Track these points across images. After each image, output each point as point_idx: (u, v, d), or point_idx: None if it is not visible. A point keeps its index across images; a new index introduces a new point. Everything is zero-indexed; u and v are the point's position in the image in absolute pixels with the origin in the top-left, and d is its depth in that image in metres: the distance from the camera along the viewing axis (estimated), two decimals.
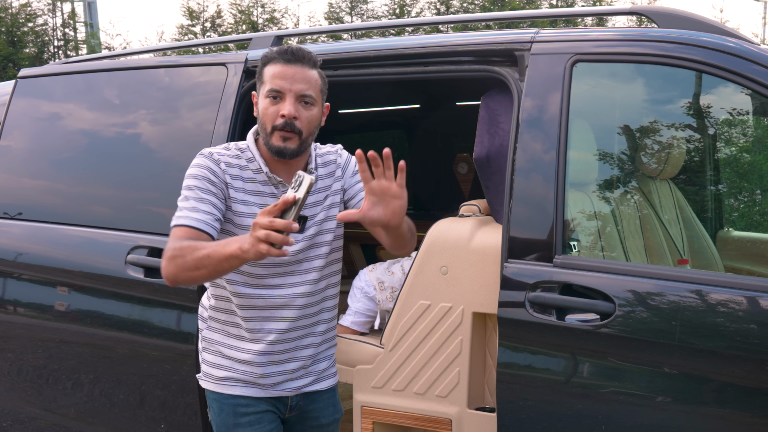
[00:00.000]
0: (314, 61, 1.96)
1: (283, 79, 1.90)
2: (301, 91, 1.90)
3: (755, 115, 2.40)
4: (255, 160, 1.96)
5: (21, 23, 19.69)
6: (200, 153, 1.98)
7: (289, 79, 1.90)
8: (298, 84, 1.90)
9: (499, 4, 19.22)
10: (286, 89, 1.90)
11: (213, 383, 2.05)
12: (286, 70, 1.91)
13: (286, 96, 1.90)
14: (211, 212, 1.88)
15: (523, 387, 2.12)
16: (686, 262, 2.48)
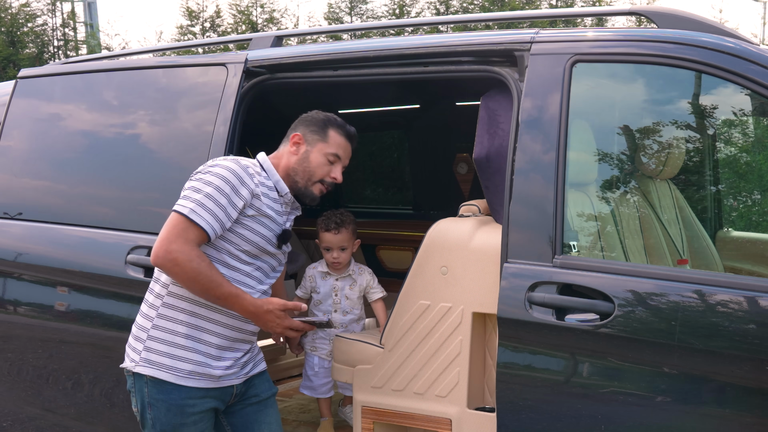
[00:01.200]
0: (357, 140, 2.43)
1: (344, 151, 2.34)
2: (347, 163, 2.38)
3: (755, 115, 2.40)
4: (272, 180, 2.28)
5: (21, 24, 19.69)
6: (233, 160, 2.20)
7: (346, 152, 2.35)
8: (347, 159, 2.37)
9: (498, 5, 19.22)
10: (343, 159, 2.34)
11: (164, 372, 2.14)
12: (347, 145, 2.35)
13: (340, 164, 2.33)
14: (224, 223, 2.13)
15: (523, 387, 2.12)
16: (686, 262, 2.48)
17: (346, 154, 2.34)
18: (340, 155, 2.32)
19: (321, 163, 2.29)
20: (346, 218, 3.00)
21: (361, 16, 20.73)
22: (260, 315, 2.13)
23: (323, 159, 2.29)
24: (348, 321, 3.05)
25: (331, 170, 2.31)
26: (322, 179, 2.30)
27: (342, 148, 2.32)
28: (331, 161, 2.30)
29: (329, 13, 20.81)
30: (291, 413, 3.52)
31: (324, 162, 2.30)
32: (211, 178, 2.13)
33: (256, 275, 2.23)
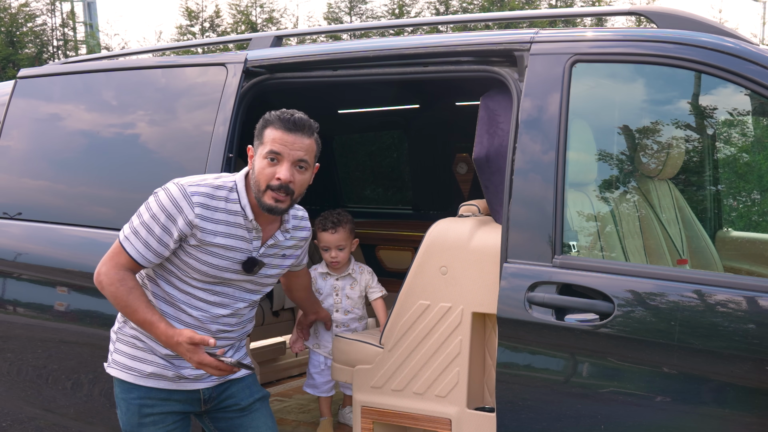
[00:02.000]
0: (313, 129, 2.11)
1: (283, 144, 2.04)
2: (298, 157, 2.06)
3: (754, 115, 2.40)
4: (238, 203, 2.11)
5: (20, 23, 19.67)
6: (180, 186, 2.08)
7: (288, 145, 2.05)
8: (297, 151, 2.06)
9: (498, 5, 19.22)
10: (285, 154, 2.05)
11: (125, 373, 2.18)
12: (286, 137, 2.05)
13: (284, 161, 2.05)
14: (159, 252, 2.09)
15: (523, 387, 2.12)
16: (685, 262, 2.48)
17: (289, 148, 2.04)
18: (277, 150, 2.04)
19: (262, 168, 2.06)
20: (343, 218, 2.98)
21: (361, 16, 20.73)
22: (171, 345, 2.07)
23: (263, 162, 2.06)
24: (349, 320, 3.05)
25: (275, 171, 2.05)
26: (268, 185, 2.05)
27: (279, 141, 2.04)
28: (271, 160, 2.05)
29: (329, 13, 20.80)
30: (290, 413, 3.52)
31: (264, 165, 2.06)
32: (151, 204, 2.10)
33: (213, 300, 2.16)
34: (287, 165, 2.05)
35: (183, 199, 2.05)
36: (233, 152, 2.64)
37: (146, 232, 2.07)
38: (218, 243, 2.08)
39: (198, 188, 2.08)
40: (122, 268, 2.11)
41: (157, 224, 2.06)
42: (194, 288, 2.14)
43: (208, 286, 2.15)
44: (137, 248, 2.08)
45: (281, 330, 4.15)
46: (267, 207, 2.06)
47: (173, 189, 2.08)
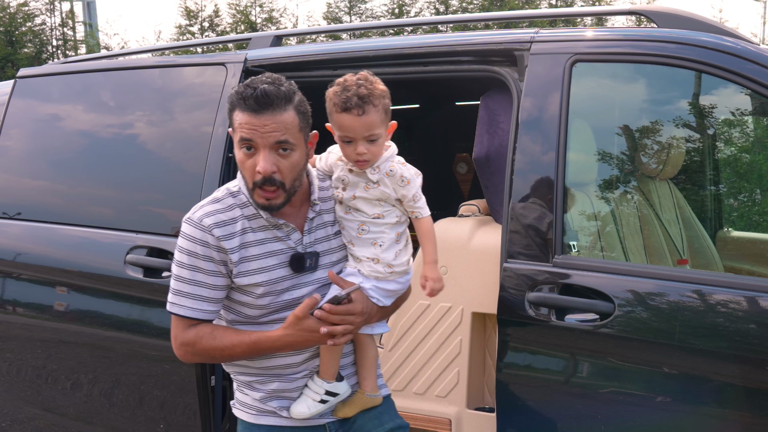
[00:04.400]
0: (286, 97, 1.69)
1: (252, 130, 1.66)
2: (275, 139, 1.67)
3: (755, 115, 2.40)
4: (250, 205, 1.77)
5: (19, 23, 19.66)
6: (188, 220, 1.76)
7: (259, 129, 1.66)
8: (271, 134, 1.67)
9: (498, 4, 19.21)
10: (258, 140, 1.67)
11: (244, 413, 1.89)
12: (253, 120, 1.66)
13: (260, 149, 1.68)
14: (209, 296, 1.76)
15: (523, 387, 2.12)
16: (686, 262, 2.48)
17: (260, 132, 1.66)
18: (246, 136, 1.67)
19: (241, 160, 1.72)
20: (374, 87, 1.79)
21: (360, 16, 20.73)
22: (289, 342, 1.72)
23: (240, 154, 1.71)
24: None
25: (255, 163, 1.69)
26: (253, 180, 1.71)
27: (247, 126, 1.67)
28: (248, 149, 1.70)
29: (328, 13, 20.80)
30: None
31: (242, 157, 1.71)
32: (177, 255, 1.77)
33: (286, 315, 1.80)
34: (265, 153, 1.67)
35: (199, 231, 1.74)
36: (233, 152, 2.64)
37: (188, 284, 1.76)
38: (254, 254, 1.76)
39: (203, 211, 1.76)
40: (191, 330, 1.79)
41: (192, 271, 1.75)
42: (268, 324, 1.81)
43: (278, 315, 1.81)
44: (190, 306, 1.77)
45: None
46: (261, 206, 1.74)
47: (185, 228, 1.76)
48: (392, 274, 1.83)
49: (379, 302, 1.84)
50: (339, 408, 1.86)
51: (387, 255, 1.81)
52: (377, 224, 1.81)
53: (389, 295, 1.86)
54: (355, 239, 1.83)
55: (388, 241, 1.81)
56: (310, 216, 1.82)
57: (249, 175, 1.71)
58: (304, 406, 1.82)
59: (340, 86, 1.78)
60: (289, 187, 1.73)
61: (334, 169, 1.87)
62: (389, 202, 1.81)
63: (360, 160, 1.77)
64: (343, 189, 1.83)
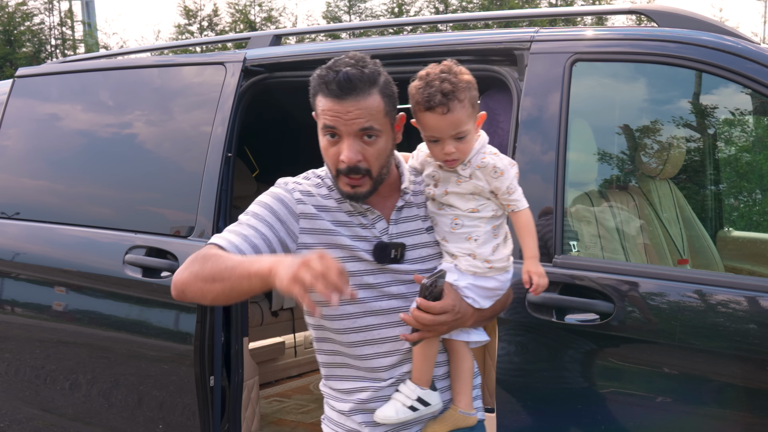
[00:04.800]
0: (371, 80, 1.58)
1: (335, 117, 1.57)
2: (360, 126, 1.57)
3: (755, 114, 2.39)
4: (336, 188, 1.67)
5: (18, 22, 19.65)
6: (277, 182, 1.72)
7: (342, 116, 1.56)
8: (355, 121, 1.56)
9: (498, 3, 19.22)
10: (342, 128, 1.57)
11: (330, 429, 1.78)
12: (336, 106, 1.57)
13: (344, 137, 1.58)
14: (250, 239, 1.59)
15: (523, 387, 2.11)
16: (686, 262, 2.47)
17: (344, 119, 1.56)
18: (329, 124, 1.58)
19: (324, 147, 1.63)
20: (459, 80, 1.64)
21: (360, 15, 20.72)
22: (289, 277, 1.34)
23: (324, 140, 1.62)
24: None
25: (338, 151, 1.60)
26: (337, 168, 1.61)
27: (330, 113, 1.57)
28: (331, 137, 1.60)
29: (328, 12, 20.80)
30: (290, 413, 3.51)
31: (326, 144, 1.62)
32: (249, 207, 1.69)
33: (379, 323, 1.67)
34: (349, 141, 1.57)
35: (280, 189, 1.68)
36: (232, 152, 2.64)
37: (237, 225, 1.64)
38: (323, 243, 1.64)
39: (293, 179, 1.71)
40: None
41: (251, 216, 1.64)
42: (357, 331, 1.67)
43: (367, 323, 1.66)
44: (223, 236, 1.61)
45: (280, 330, 4.14)
46: (346, 195, 1.63)
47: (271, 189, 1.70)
48: (491, 270, 1.69)
49: (476, 303, 1.69)
50: (429, 424, 1.71)
51: (483, 250, 1.68)
52: (471, 218, 1.68)
53: (487, 295, 1.71)
54: (448, 234, 1.70)
55: (484, 236, 1.68)
56: (398, 204, 1.70)
57: (332, 163, 1.62)
58: (392, 410, 1.68)
59: (422, 81, 1.64)
60: (376, 176, 1.62)
61: (426, 167, 1.76)
62: (483, 195, 1.69)
63: (448, 160, 1.67)
64: (434, 185, 1.73)
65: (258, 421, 2.93)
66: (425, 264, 1.71)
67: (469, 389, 1.76)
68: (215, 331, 2.55)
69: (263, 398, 3.77)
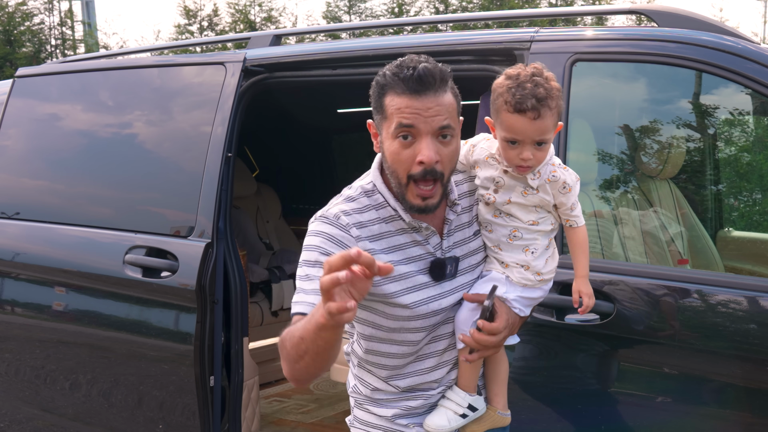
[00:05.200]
0: (444, 78, 1.52)
1: (415, 114, 1.47)
2: (439, 124, 1.48)
3: (755, 114, 2.39)
4: (387, 206, 1.57)
5: (18, 22, 19.65)
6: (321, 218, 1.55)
7: (422, 113, 1.47)
8: (435, 118, 1.48)
9: (498, 3, 19.21)
10: (421, 126, 1.47)
11: None
12: (415, 102, 1.48)
13: (422, 136, 1.48)
14: None
15: (523, 387, 2.11)
16: (686, 262, 2.47)
17: (423, 116, 1.47)
18: (408, 122, 1.48)
19: (395, 152, 1.50)
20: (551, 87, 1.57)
21: (360, 15, 20.72)
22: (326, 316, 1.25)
23: (394, 144, 1.50)
24: None
25: (414, 153, 1.48)
26: (410, 175, 1.49)
27: (407, 111, 1.48)
28: (404, 138, 1.49)
29: (328, 12, 20.80)
30: (290, 413, 3.51)
31: (397, 148, 1.50)
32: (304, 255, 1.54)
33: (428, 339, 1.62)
34: (427, 140, 1.48)
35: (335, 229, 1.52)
36: (232, 152, 2.63)
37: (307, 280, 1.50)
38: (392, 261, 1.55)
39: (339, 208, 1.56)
40: None
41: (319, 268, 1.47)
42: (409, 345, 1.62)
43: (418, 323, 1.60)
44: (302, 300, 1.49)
45: (280, 330, 4.12)
46: (416, 209, 1.53)
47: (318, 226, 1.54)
48: (540, 282, 1.67)
49: (521, 312, 1.66)
50: (467, 425, 1.69)
51: (538, 263, 1.64)
52: (531, 231, 1.63)
53: (530, 304, 1.70)
54: (504, 244, 1.64)
55: (541, 248, 1.64)
56: (449, 217, 1.62)
57: (405, 168, 1.49)
58: (444, 419, 1.65)
59: (512, 81, 1.55)
60: (446, 181, 1.54)
61: (481, 167, 1.65)
62: (546, 208, 1.64)
63: (523, 166, 1.58)
64: (494, 191, 1.63)
65: (258, 421, 2.92)
66: (474, 272, 1.65)
67: (505, 390, 1.75)
68: (215, 331, 2.54)
69: (263, 398, 3.77)
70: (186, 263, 2.55)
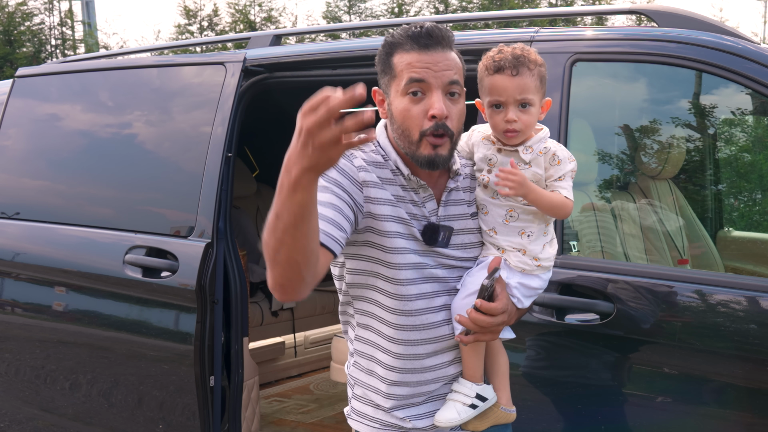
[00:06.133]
0: (452, 37, 1.55)
1: (425, 68, 1.49)
2: (449, 79, 1.50)
3: (755, 114, 2.39)
4: (390, 159, 1.59)
5: (18, 22, 19.65)
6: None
7: (432, 67, 1.49)
8: (445, 72, 1.50)
9: (498, 3, 19.21)
10: (431, 80, 1.49)
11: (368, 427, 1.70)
12: (425, 57, 1.50)
13: (432, 90, 1.50)
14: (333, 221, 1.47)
15: (523, 387, 2.11)
16: (686, 262, 2.47)
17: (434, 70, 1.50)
18: (419, 77, 1.49)
19: (404, 108, 1.52)
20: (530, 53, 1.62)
21: (360, 15, 20.72)
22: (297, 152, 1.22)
23: (404, 101, 1.52)
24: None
25: (425, 107, 1.50)
26: (421, 131, 1.51)
27: (418, 65, 1.50)
28: (414, 94, 1.51)
29: (328, 12, 20.80)
30: (290, 413, 3.51)
31: (406, 105, 1.51)
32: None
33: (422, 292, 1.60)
34: (438, 94, 1.49)
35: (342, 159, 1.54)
36: (232, 152, 2.64)
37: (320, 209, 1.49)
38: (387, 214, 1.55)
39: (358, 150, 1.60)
40: None
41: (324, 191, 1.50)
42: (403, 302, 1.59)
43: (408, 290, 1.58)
44: None
45: (280, 330, 4.14)
46: (426, 160, 1.53)
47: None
48: (539, 268, 1.64)
49: (520, 303, 1.63)
50: (470, 421, 1.65)
51: (535, 247, 1.62)
52: (527, 211, 1.61)
53: (530, 294, 1.66)
54: (499, 226, 1.63)
55: (537, 232, 1.63)
56: (450, 186, 1.63)
57: (417, 124, 1.51)
58: (453, 411, 1.62)
59: (494, 51, 1.61)
60: (455, 139, 1.55)
61: (477, 149, 1.67)
62: (540, 185, 1.61)
63: (509, 129, 1.57)
64: (488, 171, 1.63)
65: (258, 421, 2.92)
66: (467, 251, 1.64)
67: (507, 385, 1.72)
68: (215, 331, 2.55)
69: (263, 398, 3.77)
70: (186, 263, 2.55)
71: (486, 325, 1.54)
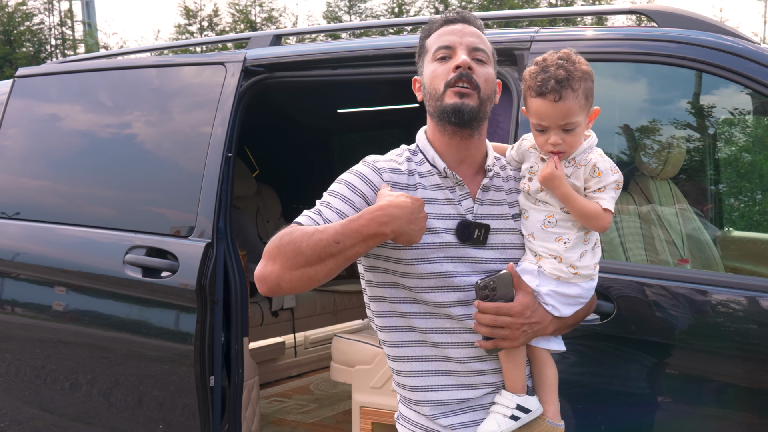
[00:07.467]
0: (480, 23, 1.69)
1: (452, 34, 1.63)
2: (473, 44, 1.62)
3: (755, 114, 2.39)
4: (426, 161, 1.65)
5: (18, 22, 19.66)
6: (364, 159, 1.66)
7: (457, 33, 1.63)
8: (468, 37, 1.62)
9: (498, 3, 19.22)
10: (456, 43, 1.61)
11: None
12: (452, 28, 1.64)
13: (457, 49, 1.61)
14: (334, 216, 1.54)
15: None
16: (686, 262, 2.47)
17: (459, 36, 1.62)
18: (445, 44, 1.61)
19: (433, 72, 1.62)
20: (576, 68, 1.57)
21: (360, 15, 20.73)
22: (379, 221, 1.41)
23: (433, 66, 1.63)
24: None
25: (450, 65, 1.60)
26: (446, 82, 1.59)
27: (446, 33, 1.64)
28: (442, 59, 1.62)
29: (328, 12, 20.81)
30: (290, 413, 3.51)
31: (434, 68, 1.62)
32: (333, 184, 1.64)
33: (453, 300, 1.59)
34: (463, 51, 1.60)
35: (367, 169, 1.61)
36: (232, 152, 2.64)
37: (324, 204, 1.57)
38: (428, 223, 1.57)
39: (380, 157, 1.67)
40: None
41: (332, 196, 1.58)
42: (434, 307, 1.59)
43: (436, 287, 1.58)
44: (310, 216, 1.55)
45: (280, 330, 4.14)
46: (452, 108, 1.57)
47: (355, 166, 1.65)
48: (576, 276, 1.61)
49: (555, 311, 1.61)
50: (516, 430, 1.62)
51: (571, 255, 1.59)
52: (566, 219, 1.60)
53: (569, 302, 1.62)
54: (537, 231, 1.61)
55: (575, 240, 1.60)
56: (484, 183, 1.64)
57: (442, 78, 1.59)
58: (494, 423, 1.59)
59: (538, 66, 1.58)
60: (483, 96, 1.60)
61: (526, 158, 1.67)
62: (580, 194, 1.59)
63: (554, 151, 1.57)
64: (529, 179, 1.63)
65: (258, 421, 2.92)
66: (506, 252, 1.63)
67: (555, 397, 1.68)
68: (215, 331, 2.55)
69: (263, 398, 3.77)
70: (186, 263, 2.55)
71: (487, 322, 1.53)
